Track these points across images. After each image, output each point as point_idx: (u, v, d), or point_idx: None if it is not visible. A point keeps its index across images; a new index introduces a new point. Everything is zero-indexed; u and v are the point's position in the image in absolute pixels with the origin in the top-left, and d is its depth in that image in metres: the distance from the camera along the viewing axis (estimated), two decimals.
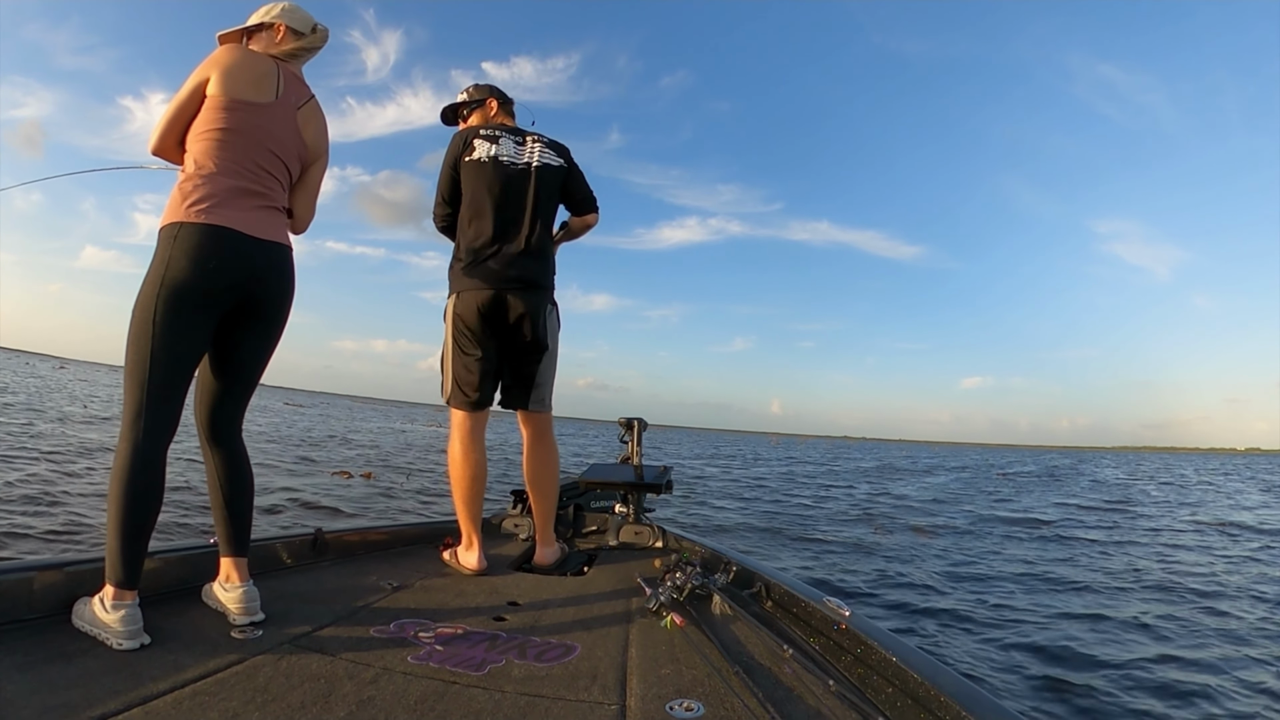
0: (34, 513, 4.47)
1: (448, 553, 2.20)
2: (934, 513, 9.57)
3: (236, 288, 1.47)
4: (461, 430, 2.16)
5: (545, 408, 2.27)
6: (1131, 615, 4.11)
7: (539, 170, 2.19)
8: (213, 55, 1.55)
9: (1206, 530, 8.60)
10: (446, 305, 2.19)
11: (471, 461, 2.14)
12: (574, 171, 2.31)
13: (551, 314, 2.22)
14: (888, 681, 1.24)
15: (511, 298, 2.10)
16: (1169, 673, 3.15)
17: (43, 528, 4.16)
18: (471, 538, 2.13)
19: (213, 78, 1.51)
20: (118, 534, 1.29)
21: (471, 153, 2.15)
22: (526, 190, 2.16)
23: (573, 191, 2.32)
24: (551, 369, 2.26)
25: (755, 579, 1.90)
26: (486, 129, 2.21)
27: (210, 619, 1.46)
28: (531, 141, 2.23)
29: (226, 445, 1.57)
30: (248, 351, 1.57)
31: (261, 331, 1.57)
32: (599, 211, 2.41)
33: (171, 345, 1.39)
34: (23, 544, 3.77)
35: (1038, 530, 8.01)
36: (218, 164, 1.48)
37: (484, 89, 2.35)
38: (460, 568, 2.11)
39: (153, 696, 1.06)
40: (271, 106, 1.57)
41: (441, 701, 1.14)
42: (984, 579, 5.09)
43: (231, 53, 1.56)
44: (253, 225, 1.50)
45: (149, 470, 1.34)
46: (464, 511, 2.14)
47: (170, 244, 1.41)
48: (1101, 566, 5.77)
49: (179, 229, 1.42)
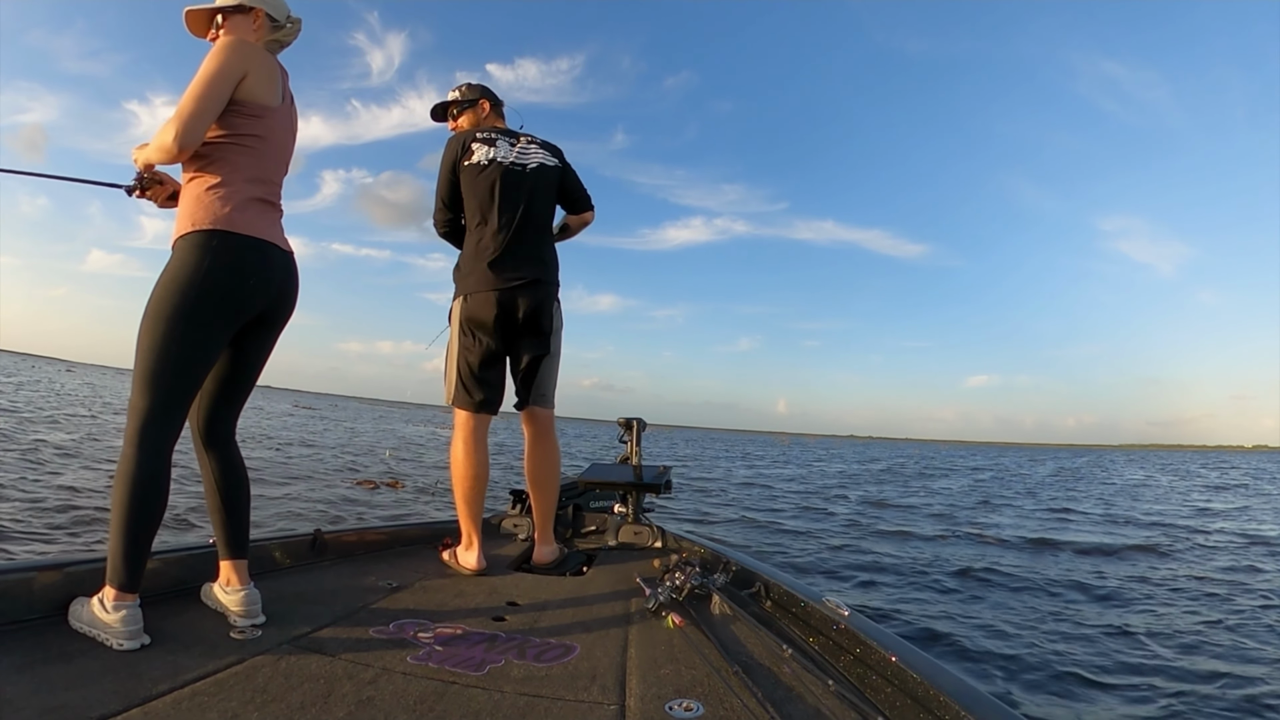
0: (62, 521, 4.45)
1: (447, 553, 2.20)
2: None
3: (265, 300, 1.47)
4: (465, 431, 2.16)
5: (548, 405, 2.28)
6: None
7: (537, 171, 2.20)
8: (238, 49, 1.44)
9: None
10: (453, 307, 2.20)
11: (475, 462, 2.15)
12: (569, 171, 2.33)
13: (557, 312, 2.24)
14: (887, 681, 1.24)
15: (522, 297, 2.12)
16: None
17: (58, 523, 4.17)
18: (472, 538, 2.13)
19: (248, 77, 1.43)
20: (124, 538, 1.28)
21: (470, 156, 2.15)
22: (528, 191, 2.17)
23: (569, 191, 2.35)
24: (555, 366, 2.28)
25: (755, 579, 1.90)
26: (482, 132, 2.21)
27: (210, 620, 1.46)
28: (525, 142, 2.24)
29: (223, 449, 1.55)
30: (253, 358, 1.56)
31: (267, 338, 1.57)
32: (594, 210, 2.43)
33: (195, 355, 1.37)
34: (21, 544, 3.77)
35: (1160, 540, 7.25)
36: (245, 172, 1.44)
37: (476, 89, 2.34)
38: (460, 568, 2.11)
39: (152, 697, 1.06)
40: (279, 110, 1.53)
41: (441, 702, 1.14)
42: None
43: (253, 49, 1.47)
44: (278, 236, 1.49)
45: (158, 476, 1.33)
46: (465, 512, 2.15)
47: (204, 252, 1.36)
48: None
49: (215, 237, 1.37)
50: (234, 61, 1.41)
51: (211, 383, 1.52)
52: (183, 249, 1.38)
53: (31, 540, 3.86)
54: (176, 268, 1.37)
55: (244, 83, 1.43)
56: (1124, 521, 9.11)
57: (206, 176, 1.42)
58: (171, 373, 1.35)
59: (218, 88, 1.39)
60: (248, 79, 1.43)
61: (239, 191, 1.42)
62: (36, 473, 6.05)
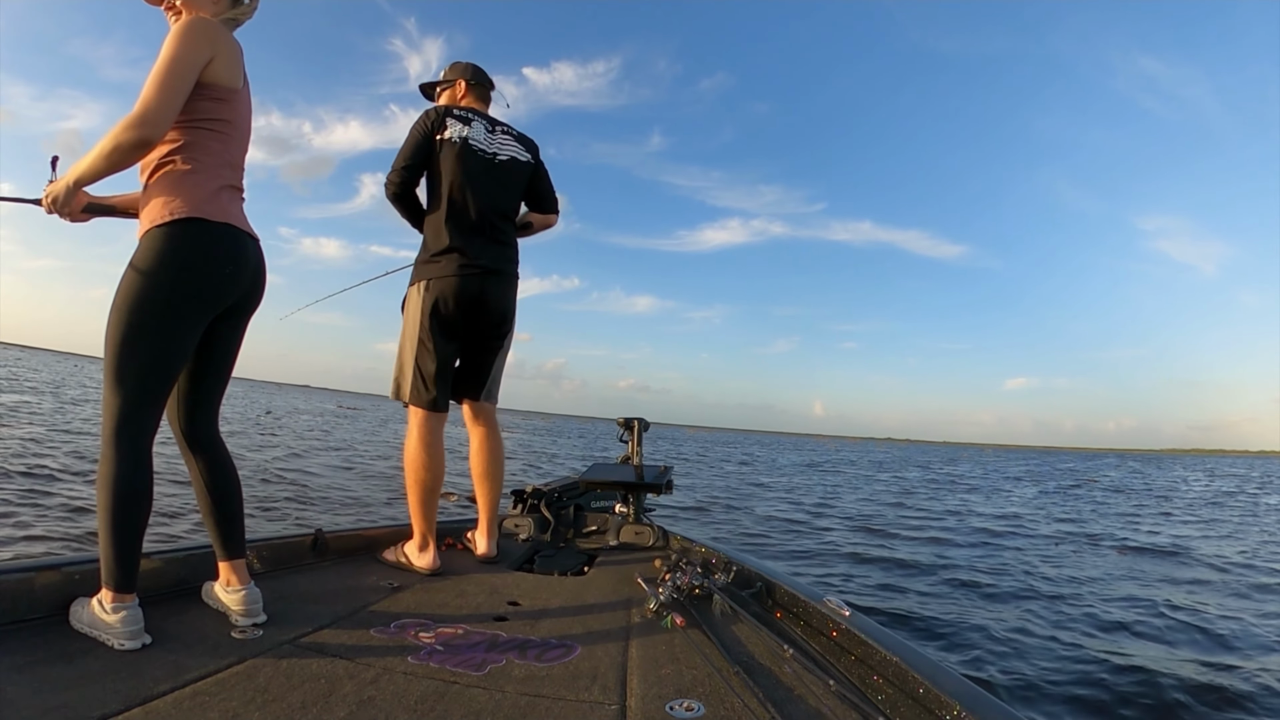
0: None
1: (391, 553, 2.13)
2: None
3: (239, 290, 1.44)
4: (422, 430, 2.08)
5: (494, 399, 2.27)
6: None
7: (509, 163, 2.16)
8: (204, 30, 1.35)
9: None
10: (409, 294, 2.10)
11: (433, 462, 2.09)
12: (540, 170, 2.28)
13: (515, 305, 2.21)
14: (888, 681, 1.24)
15: (488, 285, 2.08)
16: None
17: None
18: (427, 538, 2.08)
19: (214, 60, 1.36)
20: (113, 539, 1.27)
21: (443, 131, 2.08)
22: (498, 180, 2.13)
23: (538, 189, 2.30)
24: (504, 360, 2.26)
25: (756, 579, 1.90)
26: (459, 110, 2.14)
27: (210, 619, 1.46)
28: (502, 133, 2.19)
29: (208, 447, 1.51)
30: (231, 348, 1.52)
31: (238, 328, 1.52)
32: (559, 214, 2.37)
33: (171, 347, 1.34)
34: (23, 544, 3.78)
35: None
36: (216, 158, 1.41)
37: (458, 68, 2.27)
38: (415, 567, 2.04)
39: (153, 696, 1.06)
40: (242, 91, 1.47)
41: (442, 701, 1.14)
42: None
43: (218, 29, 1.39)
44: (245, 222, 1.46)
45: (142, 473, 1.31)
46: (422, 512, 2.07)
47: (180, 242, 1.33)
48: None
49: (192, 226, 1.34)
50: (201, 44, 1.33)
51: (186, 380, 1.47)
52: (156, 238, 1.33)
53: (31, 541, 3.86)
54: (151, 257, 1.31)
55: (210, 65, 1.35)
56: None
57: (178, 164, 1.37)
58: (147, 367, 1.31)
59: (183, 75, 1.31)
60: (214, 62, 1.36)
61: (212, 179, 1.39)
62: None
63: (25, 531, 3.88)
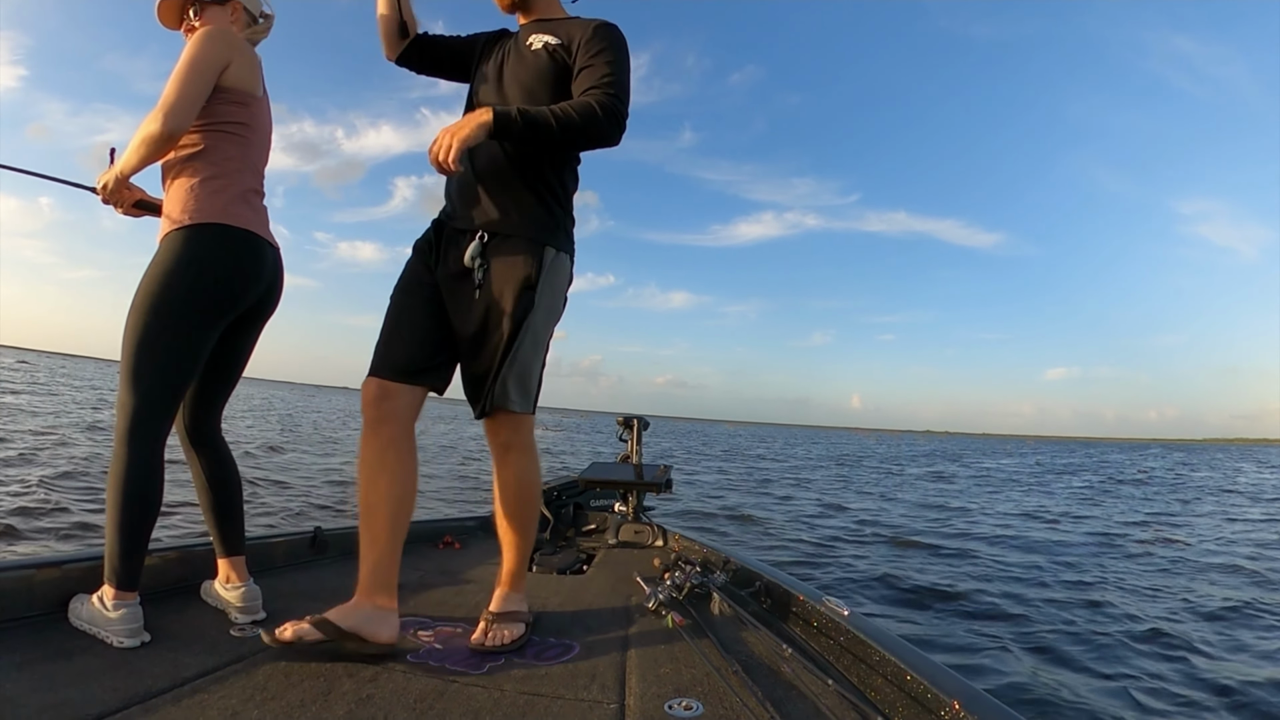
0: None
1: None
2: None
3: (256, 295, 1.46)
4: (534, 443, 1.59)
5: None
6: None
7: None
8: (222, 35, 1.41)
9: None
10: (556, 262, 1.43)
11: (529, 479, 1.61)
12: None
13: None
14: (888, 681, 1.24)
15: None
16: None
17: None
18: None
19: (232, 65, 1.40)
20: (121, 537, 1.28)
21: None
22: None
23: None
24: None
25: (755, 578, 1.90)
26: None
27: (210, 617, 1.46)
28: None
29: (211, 446, 1.53)
30: (243, 352, 1.55)
31: (253, 333, 1.55)
32: None
33: (189, 350, 1.36)
34: (21, 544, 3.78)
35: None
36: (237, 163, 1.43)
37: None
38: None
39: (153, 694, 1.06)
40: (262, 100, 1.51)
41: (441, 700, 1.14)
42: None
43: (235, 37, 1.45)
44: (265, 229, 1.48)
45: (153, 474, 1.32)
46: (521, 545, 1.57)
47: (201, 247, 1.35)
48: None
49: (212, 231, 1.36)
50: (219, 47, 1.38)
51: (202, 381, 1.49)
52: (176, 241, 1.35)
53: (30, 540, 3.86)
54: (171, 261, 1.34)
55: (229, 69, 1.40)
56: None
57: (199, 168, 1.39)
58: (164, 369, 1.33)
59: (204, 72, 1.36)
60: (232, 66, 1.40)
61: (234, 184, 1.41)
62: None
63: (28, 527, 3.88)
